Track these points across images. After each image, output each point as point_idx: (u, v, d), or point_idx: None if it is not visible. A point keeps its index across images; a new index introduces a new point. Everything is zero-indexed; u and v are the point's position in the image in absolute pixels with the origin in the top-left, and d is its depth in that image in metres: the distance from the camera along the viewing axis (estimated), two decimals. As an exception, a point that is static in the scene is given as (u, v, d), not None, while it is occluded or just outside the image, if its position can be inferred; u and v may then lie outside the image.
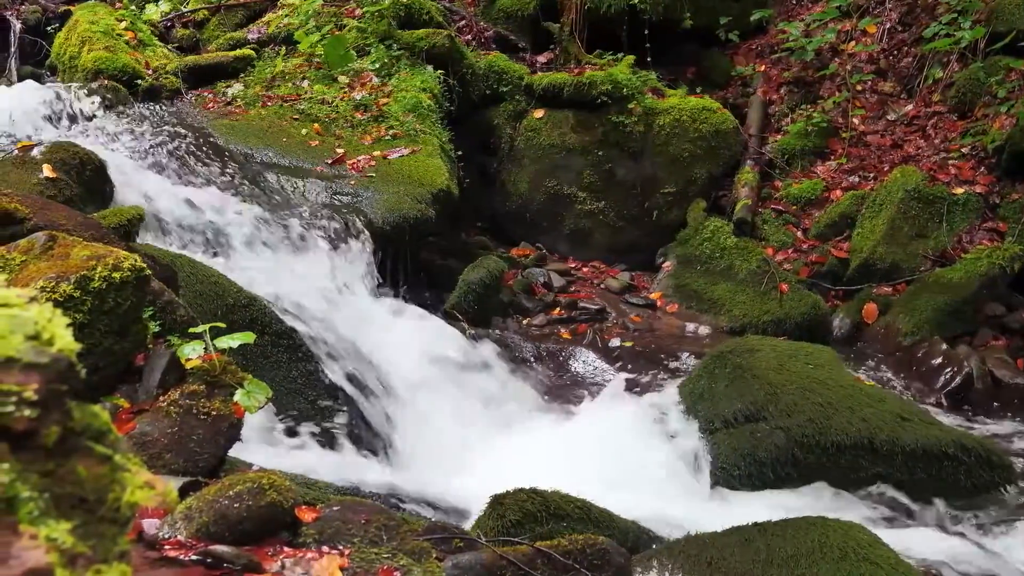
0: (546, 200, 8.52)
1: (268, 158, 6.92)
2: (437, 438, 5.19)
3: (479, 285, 6.81)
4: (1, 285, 0.86)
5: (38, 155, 5.20)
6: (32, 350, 0.81)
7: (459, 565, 2.63)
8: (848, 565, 3.34)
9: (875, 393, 5.41)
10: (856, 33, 9.25)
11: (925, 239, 7.45)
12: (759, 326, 7.15)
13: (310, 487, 3.61)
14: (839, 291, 7.60)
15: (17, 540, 0.73)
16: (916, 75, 8.85)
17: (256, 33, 8.98)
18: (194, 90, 8.07)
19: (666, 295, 7.78)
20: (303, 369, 4.87)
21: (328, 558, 2.42)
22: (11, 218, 3.47)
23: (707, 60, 9.79)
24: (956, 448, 4.95)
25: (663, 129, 8.42)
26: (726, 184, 8.48)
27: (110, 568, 0.82)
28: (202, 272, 4.82)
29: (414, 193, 6.69)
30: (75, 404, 0.85)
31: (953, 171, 7.88)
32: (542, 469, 4.41)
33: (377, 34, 8.37)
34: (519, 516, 3.50)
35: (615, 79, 8.37)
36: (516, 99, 8.72)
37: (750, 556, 3.46)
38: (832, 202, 8.13)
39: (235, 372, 3.11)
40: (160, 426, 2.89)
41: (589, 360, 6.59)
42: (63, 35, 8.65)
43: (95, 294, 2.75)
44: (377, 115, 7.65)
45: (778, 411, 5.13)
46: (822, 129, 8.63)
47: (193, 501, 2.49)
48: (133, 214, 4.98)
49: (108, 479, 0.86)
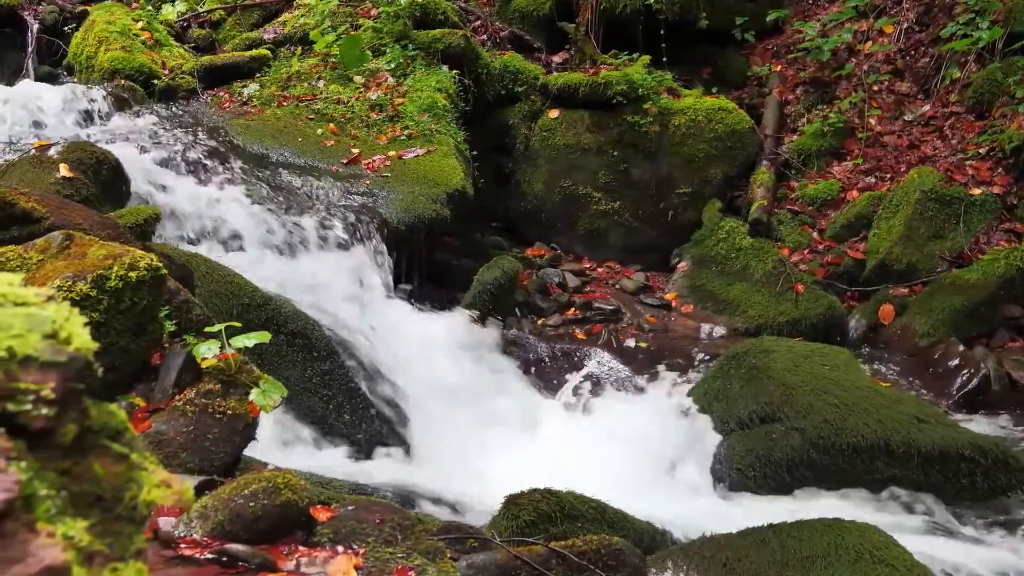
0: (561, 200, 8.51)
1: (283, 158, 6.93)
2: (451, 438, 5.19)
3: (494, 285, 6.80)
4: (19, 284, 0.87)
5: (55, 155, 5.23)
6: (50, 349, 0.81)
7: (473, 565, 2.62)
8: (864, 567, 3.33)
9: (891, 394, 5.39)
10: (873, 33, 9.22)
11: (942, 240, 7.41)
12: (774, 327, 7.12)
13: (325, 486, 3.61)
14: (855, 292, 7.57)
15: (35, 538, 0.74)
16: (933, 75, 8.82)
17: (272, 33, 8.99)
18: (210, 90, 8.10)
19: (681, 296, 7.76)
20: (318, 368, 4.88)
21: (343, 557, 2.42)
22: (28, 217, 3.49)
23: (723, 60, 9.77)
24: (973, 450, 4.93)
25: (678, 129, 8.41)
26: (741, 184, 8.45)
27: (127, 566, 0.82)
28: (217, 271, 4.83)
29: (429, 193, 6.69)
30: (92, 403, 0.85)
31: (970, 172, 7.85)
32: (556, 469, 4.41)
33: (392, 34, 8.38)
34: (533, 516, 3.50)
35: (630, 79, 8.35)
36: (531, 99, 8.71)
37: (765, 557, 3.45)
38: (848, 203, 8.10)
39: (251, 371, 3.11)
40: (176, 425, 2.90)
41: (604, 360, 6.58)
42: (80, 35, 8.69)
43: (112, 293, 2.76)
44: (392, 115, 7.65)
45: (793, 412, 5.12)
46: (838, 129, 8.59)
47: (208, 500, 2.49)
48: (149, 214, 4.99)
49: (125, 477, 0.86)
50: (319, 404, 4.80)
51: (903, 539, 3.62)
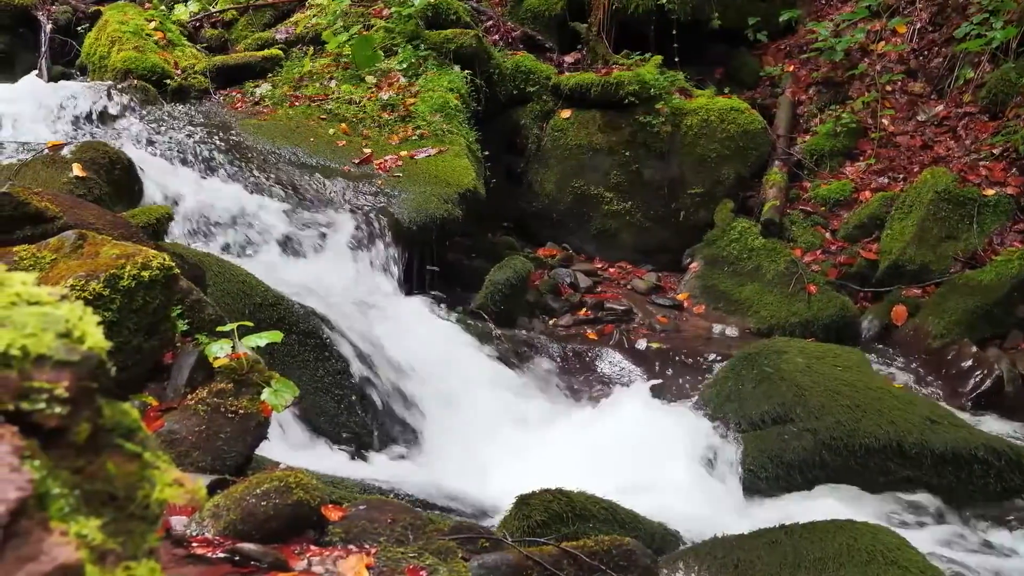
0: (573, 200, 8.50)
1: (295, 157, 6.94)
2: (463, 438, 5.19)
3: (505, 285, 6.81)
4: (32, 283, 0.87)
5: (68, 154, 5.24)
6: (63, 348, 0.81)
7: (485, 565, 2.62)
8: (876, 568, 3.32)
9: (904, 395, 5.37)
10: (886, 33, 9.19)
11: (955, 241, 7.38)
12: (787, 328, 7.11)
13: (336, 486, 3.62)
14: (868, 293, 7.55)
15: (48, 536, 0.74)
16: (947, 75, 8.78)
17: (284, 33, 9.01)
18: (222, 90, 8.11)
19: (693, 296, 7.75)
20: (330, 368, 4.89)
21: (354, 557, 2.42)
22: (41, 217, 3.50)
23: (735, 60, 9.76)
24: (986, 452, 4.91)
25: (691, 129, 8.39)
26: (754, 185, 8.44)
27: (139, 565, 0.82)
28: (229, 271, 4.84)
29: (441, 193, 6.69)
30: (105, 402, 0.85)
31: (984, 172, 7.81)
32: (567, 469, 4.41)
33: (405, 34, 8.38)
34: (545, 516, 3.50)
35: (643, 79, 8.34)
36: (543, 99, 8.71)
37: (777, 559, 3.44)
38: (861, 203, 8.08)
39: (262, 371, 3.11)
40: (188, 424, 2.90)
41: (615, 361, 6.57)
42: (93, 35, 8.72)
43: (124, 292, 2.77)
44: (404, 115, 7.66)
45: (806, 413, 5.11)
46: (851, 130, 8.57)
47: (221, 499, 2.50)
48: (162, 213, 5.00)
49: (138, 476, 0.86)
50: (331, 404, 4.80)
51: (916, 541, 3.61)
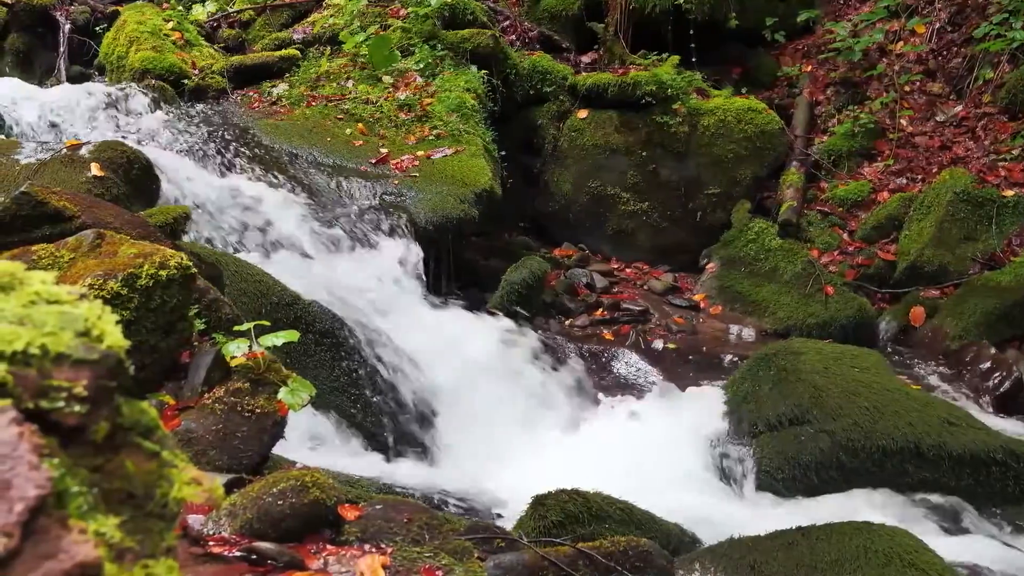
0: (589, 200, 8.49)
1: (312, 157, 6.96)
2: (479, 438, 5.20)
3: (522, 285, 6.80)
4: (51, 282, 0.87)
5: (86, 154, 5.26)
6: (82, 346, 0.82)
7: (501, 565, 2.62)
8: (893, 570, 3.30)
9: (922, 397, 5.34)
10: (904, 33, 9.15)
11: (974, 242, 7.34)
12: (804, 328, 7.09)
13: (352, 485, 3.62)
14: (886, 294, 7.51)
15: (67, 534, 0.74)
16: (966, 76, 8.74)
17: (301, 33, 9.03)
18: (239, 90, 8.13)
19: (710, 297, 7.73)
20: (346, 367, 4.89)
21: (370, 556, 2.42)
22: (60, 216, 3.51)
23: (753, 60, 9.72)
24: (1004, 454, 4.88)
25: (708, 129, 8.37)
26: (771, 185, 8.41)
27: (157, 563, 0.82)
28: (246, 270, 4.85)
29: (457, 193, 6.70)
30: (124, 400, 0.85)
31: (1003, 173, 7.77)
32: (583, 470, 4.40)
33: (421, 34, 8.39)
34: (561, 517, 3.50)
35: (659, 79, 8.33)
36: (560, 99, 8.70)
37: (794, 560, 3.43)
38: (879, 204, 8.05)
39: (279, 370, 3.12)
40: (205, 423, 2.91)
41: (632, 362, 6.56)
42: (111, 35, 8.76)
43: (142, 292, 2.78)
44: (421, 115, 7.66)
45: (823, 414, 5.09)
46: (869, 130, 8.53)
47: (237, 498, 2.50)
48: (179, 212, 5.01)
49: (156, 475, 0.86)
50: (347, 403, 4.81)
51: (933, 543, 3.59)
